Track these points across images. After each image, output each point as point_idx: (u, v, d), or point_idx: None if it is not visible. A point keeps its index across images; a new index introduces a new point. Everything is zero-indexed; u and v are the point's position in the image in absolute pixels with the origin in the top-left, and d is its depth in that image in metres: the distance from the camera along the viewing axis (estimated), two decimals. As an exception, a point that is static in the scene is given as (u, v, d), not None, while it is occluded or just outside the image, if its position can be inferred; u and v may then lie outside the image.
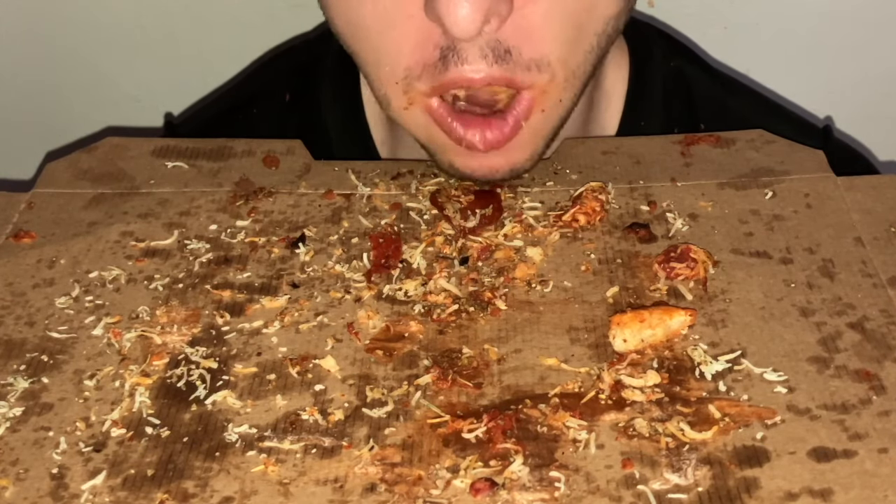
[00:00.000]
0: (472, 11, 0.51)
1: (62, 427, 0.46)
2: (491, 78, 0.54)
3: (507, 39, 0.54)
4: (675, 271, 0.52)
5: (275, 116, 0.78)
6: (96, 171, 0.62)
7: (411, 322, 0.51)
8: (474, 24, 0.52)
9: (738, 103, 0.78)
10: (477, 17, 0.52)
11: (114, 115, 1.01)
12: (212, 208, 0.59)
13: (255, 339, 0.50)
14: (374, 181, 0.60)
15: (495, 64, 0.54)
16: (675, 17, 0.91)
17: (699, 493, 0.41)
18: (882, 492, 0.41)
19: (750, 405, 0.45)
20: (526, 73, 0.55)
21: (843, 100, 0.97)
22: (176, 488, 0.43)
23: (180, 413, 0.46)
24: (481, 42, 0.53)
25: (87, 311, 0.52)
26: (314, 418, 0.46)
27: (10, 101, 1.02)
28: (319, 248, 0.56)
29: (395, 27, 0.55)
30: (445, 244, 0.56)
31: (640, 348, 0.48)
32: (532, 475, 0.42)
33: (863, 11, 0.94)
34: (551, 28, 0.55)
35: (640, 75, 0.73)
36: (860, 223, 0.55)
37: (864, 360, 0.47)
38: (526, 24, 0.54)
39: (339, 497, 0.42)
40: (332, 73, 0.75)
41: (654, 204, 0.58)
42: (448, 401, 0.46)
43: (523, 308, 0.52)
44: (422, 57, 0.55)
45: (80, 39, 0.98)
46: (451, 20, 0.52)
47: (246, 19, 0.96)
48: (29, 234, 0.57)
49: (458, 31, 0.52)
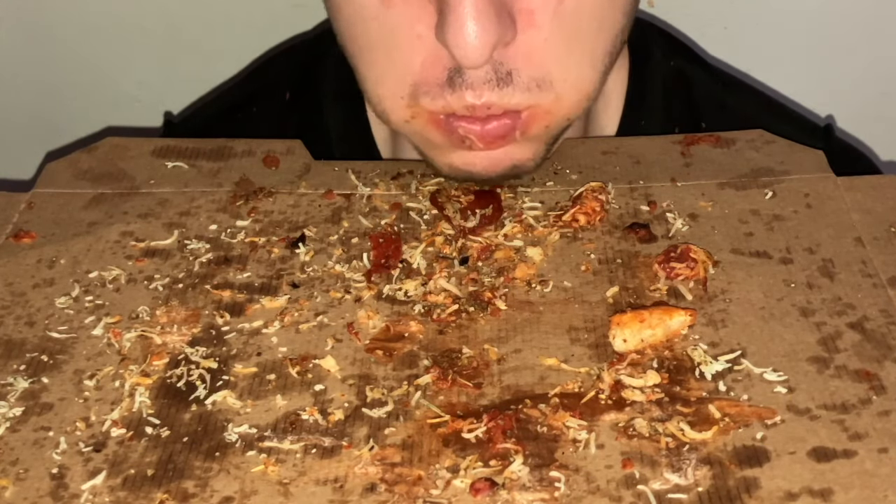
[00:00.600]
0: (481, 43, 0.52)
1: (62, 427, 0.46)
2: (490, 104, 0.55)
3: (509, 61, 0.54)
4: (675, 271, 0.52)
5: (275, 115, 0.78)
6: (96, 171, 0.62)
7: (411, 322, 0.51)
8: (483, 55, 0.52)
9: (738, 102, 0.78)
10: (486, 49, 0.52)
11: (114, 115, 1.01)
12: (212, 208, 0.59)
13: (255, 339, 0.50)
14: (374, 181, 0.60)
15: (496, 88, 0.54)
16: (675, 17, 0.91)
17: (699, 493, 0.41)
18: (882, 492, 0.41)
19: (750, 405, 0.45)
20: (526, 93, 0.55)
21: (843, 100, 0.97)
22: (176, 488, 0.43)
23: (180, 413, 0.46)
24: (486, 66, 0.54)
25: (87, 311, 0.52)
26: (314, 418, 0.46)
27: (10, 101, 1.02)
28: (319, 248, 0.56)
29: (402, 47, 0.55)
30: (445, 244, 0.56)
31: (640, 348, 0.48)
32: (532, 475, 0.42)
33: (863, 11, 0.94)
34: (553, 50, 0.55)
35: (641, 75, 0.73)
36: (860, 223, 0.55)
37: (864, 360, 0.47)
38: (526, 48, 0.54)
39: (339, 497, 0.42)
40: (334, 72, 0.75)
41: (654, 204, 0.58)
42: (448, 401, 0.46)
43: (523, 308, 0.52)
44: (431, 75, 0.55)
45: (80, 39, 0.98)
46: (461, 51, 0.52)
47: (246, 19, 0.96)
48: (29, 234, 0.57)
49: (468, 62, 0.52)
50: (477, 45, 0.52)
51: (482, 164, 0.58)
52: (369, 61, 0.57)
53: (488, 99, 0.54)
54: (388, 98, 0.57)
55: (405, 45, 0.55)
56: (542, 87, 0.55)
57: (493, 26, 0.52)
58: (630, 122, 0.72)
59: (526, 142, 0.57)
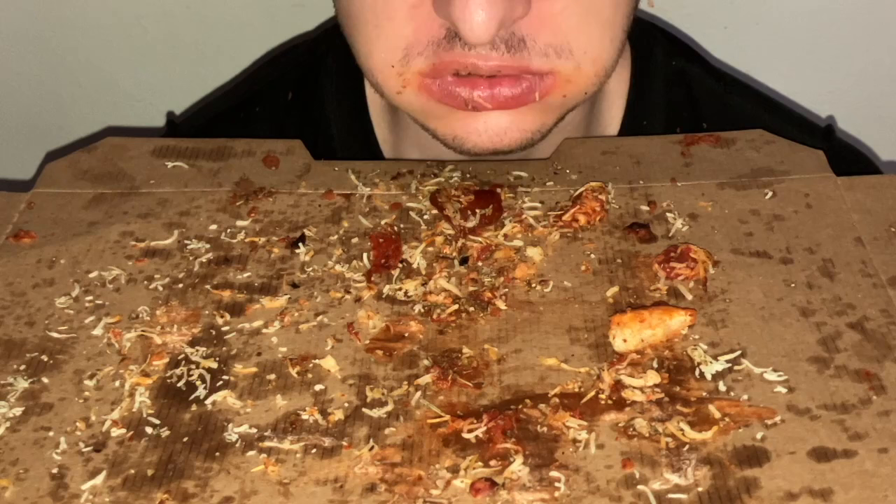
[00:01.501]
0: (488, 18, 0.50)
1: (62, 427, 0.46)
2: (501, 66, 0.53)
3: (521, 29, 0.53)
4: (675, 271, 0.52)
5: (277, 115, 0.78)
6: (96, 171, 0.62)
7: (411, 322, 0.51)
8: (489, 32, 0.51)
9: (739, 102, 0.78)
10: (492, 24, 0.50)
11: (114, 115, 1.01)
12: (212, 208, 0.59)
13: (255, 339, 0.50)
14: (374, 181, 0.60)
15: (507, 53, 0.53)
16: (675, 17, 0.91)
17: (699, 493, 0.41)
18: (882, 492, 0.41)
19: (750, 405, 0.45)
20: (544, 58, 0.54)
21: (844, 100, 0.97)
22: (176, 488, 0.43)
23: (180, 413, 0.46)
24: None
25: (87, 311, 0.52)
26: (314, 418, 0.46)
27: (10, 101, 1.02)
28: (319, 248, 0.56)
29: (395, 17, 0.54)
30: (445, 244, 0.56)
31: (640, 348, 0.48)
32: (532, 475, 0.42)
33: (863, 11, 0.94)
34: (571, 18, 0.54)
35: (642, 75, 0.73)
36: (860, 223, 0.55)
37: (864, 360, 0.47)
38: (542, 15, 0.53)
39: (339, 497, 0.42)
40: (335, 71, 0.75)
41: (654, 204, 0.58)
42: (448, 401, 0.46)
43: (523, 308, 0.52)
44: (425, 35, 0.54)
45: (80, 39, 0.98)
46: (466, 27, 0.50)
47: (246, 19, 0.97)
48: (29, 234, 0.57)
49: (474, 38, 0.51)
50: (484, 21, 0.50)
51: (487, 135, 0.57)
52: (362, 34, 0.57)
53: (498, 62, 0.53)
54: (378, 69, 0.57)
55: (399, 14, 0.54)
56: (561, 55, 0.54)
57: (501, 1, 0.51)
58: (632, 122, 0.72)
59: (539, 109, 0.56)
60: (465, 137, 0.57)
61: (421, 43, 0.54)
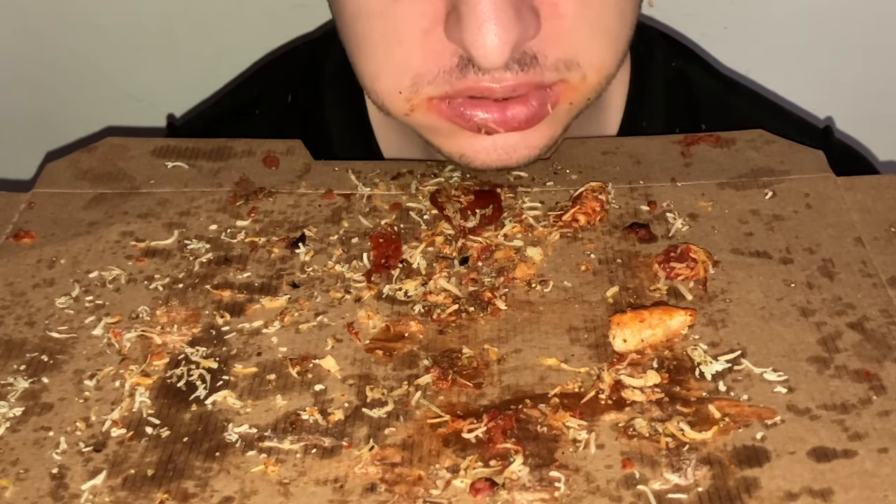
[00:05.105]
0: (502, 42, 0.50)
1: (62, 427, 0.46)
2: (515, 86, 0.53)
3: (532, 47, 0.53)
4: (675, 271, 0.52)
5: (277, 117, 0.78)
6: (96, 171, 0.62)
7: (411, 322, 0.51)
8: (504, 55, 0.50)
9: (739, 104, 0.78)
10: (507, 48, 0.50)
11: (114, 115, 1.01)
12: (212, 208, 0.59)
13: (255, 339, 0.50)
14: (374, 181, 0.60)
15: (521, 72, 0.53)
16: (675, 18, 0.91)
17: (699, 493, 0.41)
18: (882, 492, 0.41)
19: (750, 405, 0.45)
20: (554, 72, 0.54)
21: (843, 100, 0.97)
22: (176, 488, 0.43)
23: (180, 413, 0.46)
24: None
25: (87, 311, 0.52)
26: (314, 418, 0.46)
27: (10, 101, 1.02)
28: (319, 248, 0.56)
29: (404, 43, 0.54)
30: (445, 244, 0.56)
31: (640, 348, 0.48)
32: (532, 475, 0.42)
33: (863, 11, 0.94)
34: (579, 34, 0.54)
35: (642, 76, 0.73)
36: (860, 223, 0.55)
37: (864, 360, 0.47)
38: (552, 33, 0.53)
39: (339, 497, 0.42)
40: (335, 73, 0.75)
41: (654, 204, 0.58)
42: (448, 401, 0.46)
43: (523, 308, 0.52)
44: (436, 64, 0.54)
45: (80, 39, 0.98)
46: (480, 53, 0.50)
47: (246, 19, 0.97)
48: (29, 234, 0.57)
49: (488, 63, 0.50)
50: (497, 45, 0.50)
51: (496, 154, 0.57)
52: (369, 57, 0.57)
53: (514, 82, 0.53)
54: (385, 93, 0.57)
55: (408, 40, 0.54)
56: (570, 68, 0.55)
57: (514, 24, 0.50)
58: (631, 123, 0.72)
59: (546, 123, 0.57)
60: (472, 156, 0.57)
61: (432, 72, 0.54)
